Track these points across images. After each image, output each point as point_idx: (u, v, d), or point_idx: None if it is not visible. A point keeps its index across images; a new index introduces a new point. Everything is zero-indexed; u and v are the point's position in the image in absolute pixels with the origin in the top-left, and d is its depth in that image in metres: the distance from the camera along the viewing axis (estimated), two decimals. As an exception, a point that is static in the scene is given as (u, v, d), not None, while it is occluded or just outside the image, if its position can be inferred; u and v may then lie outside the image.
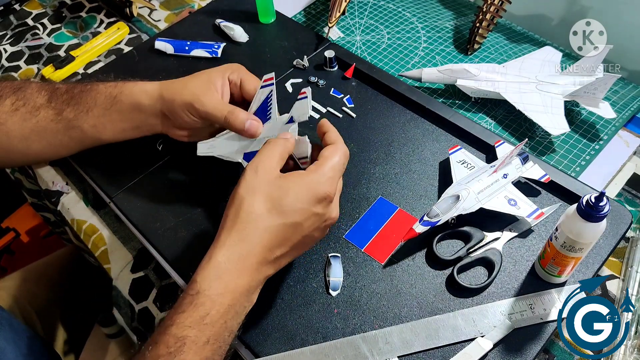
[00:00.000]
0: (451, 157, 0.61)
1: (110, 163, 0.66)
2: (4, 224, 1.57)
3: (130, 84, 0.60)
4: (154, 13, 0.95)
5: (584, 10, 0.80)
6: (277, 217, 0.45)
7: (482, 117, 0.72)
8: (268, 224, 0.45)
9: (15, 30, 0.94)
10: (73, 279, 0.91)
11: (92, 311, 0.87)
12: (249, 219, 0.45)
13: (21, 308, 0.81)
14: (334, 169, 0.48)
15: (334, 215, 0.49)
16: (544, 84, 0.70)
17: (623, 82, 0.76)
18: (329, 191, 0.46)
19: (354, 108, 0.70)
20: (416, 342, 0.49)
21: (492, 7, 0.78)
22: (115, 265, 0.64)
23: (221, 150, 0.57)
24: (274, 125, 0.56)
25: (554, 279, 0.52)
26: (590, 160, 0.67)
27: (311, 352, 0.49)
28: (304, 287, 0.54)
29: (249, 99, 0.57)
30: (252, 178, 0.46)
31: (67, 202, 0.70)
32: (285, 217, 0.45)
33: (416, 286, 0.54)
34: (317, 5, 0.91)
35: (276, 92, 0.55)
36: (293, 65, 0.76)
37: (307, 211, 0.46)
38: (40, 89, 0.61)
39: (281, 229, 0.45)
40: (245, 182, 0.46)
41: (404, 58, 0.80)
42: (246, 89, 0.59)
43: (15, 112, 0.59)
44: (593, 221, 0.44)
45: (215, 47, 0.79)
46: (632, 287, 0.56)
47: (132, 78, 0.62)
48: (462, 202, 0.54)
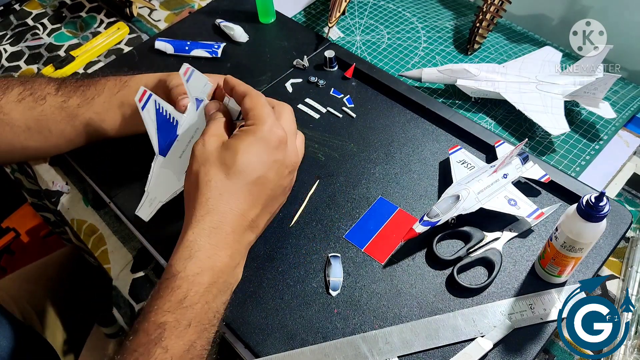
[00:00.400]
0: (451, 157, 0.61)
1: (110, 163, 0.66)
2: (4, 224, 1.58)
3: (143, 74, 0.62)
4: (154, 13, 0.95)
5: (584, 10, 0.80)
6: (237, 178, 0.43)
7: (482, 117, 0.72)
8: (230, 189, 0.43)
9: (15, 30, 0.94)
10: (73, 279, 0.91)
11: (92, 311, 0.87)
12: (209, 188, 0.43)
13: (21, 308, 0.81)
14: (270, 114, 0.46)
15: (294, 157, 0.47)
16: (544, 84, 0.70)
17: (623, 82, 0.76)
18: (281, 135, 0.45)
19: (354, 108, 0.70)
20: (416, 342, 0.49)
21: (492, 7, 0.78)
22: (115, 265, 0.64)
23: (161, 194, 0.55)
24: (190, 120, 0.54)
25: (554, 279, 0.52)
26: (590, 160, 0.67)
27: (311, 352, 0.49)
28: (304, 287, 0.54)
29: None
30: (200, 151, 0.45)
31: (67, 202, 0.70)
32: (246, 176, 0.44)
33: (416, 286, 0.54)
34: (317, 5, 0.91)
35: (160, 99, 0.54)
36: (293, 65, 0.76)
37: (265, 162, 0.44)
38: (50, 80, 0.62)
39: (246, 189, 0.44)
40: (195, 157, 0.45)
41: (404, 58, 0.80)
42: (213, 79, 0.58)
43: (21, 102, 0.59)
44: (593, 221, 0.44)
45: (215, 47, 0.79)
46: (632, 287, 0.56)
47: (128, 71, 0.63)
48: (462, 202, 0.54)
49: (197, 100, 0.53)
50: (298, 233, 0.58)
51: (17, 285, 0.85)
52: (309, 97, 0.72)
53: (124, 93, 0.60)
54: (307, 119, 0.69)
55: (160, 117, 0.53)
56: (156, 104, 0.53)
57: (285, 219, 0.59)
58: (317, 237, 0.58)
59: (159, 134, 0.54)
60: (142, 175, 0.64)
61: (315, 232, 0.58)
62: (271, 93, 0.73)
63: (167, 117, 0.54)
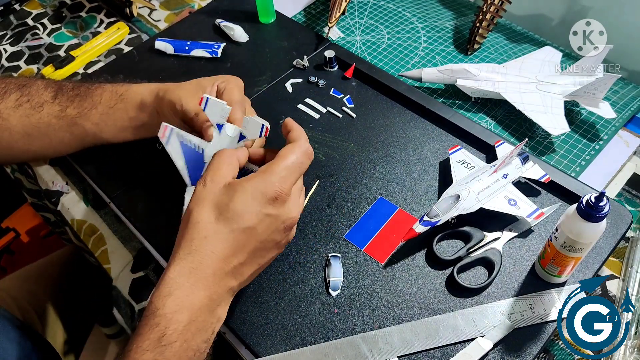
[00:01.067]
0: (451, 157, 0.61)
1: (110, 163, 0.66)
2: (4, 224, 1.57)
3: (137, 84, 0.61)
4: (154, 13, 0.95)
5: (584, 10, 0.80)
6: (225, 224, 0.43)
7: (482, 117, 0.72)
8: (217, 233, 0.43)
9: (15, 30, 0.94)
10: (73, 279, 0.91)
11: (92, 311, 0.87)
12: (196, 229, 0.43)
13: (21, 308, 0.81)
14: (288, 168, 0.45)
15: (293, 215, 0.46)
16: (544, 84, 0.70)
17: (623, 82, 0.76)
18: (280, 190, 0.44)
19: (354, 108, 0.70)
20: (416, 342, 0.49)
21: (492, 7, 0.78)
22: (115, 265, 0.64)
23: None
24: (215, 146, 0.54)
25: (554, 279, 0.52)
26: (590, 160, 0.67)
27: (311, 352, 0.49)
28: (304, 287, 0.54)
29: None
30: (200, 190, 0.45)
31: (67, 202, 0.70)
32: (234, 223, 0.43)
33: (416, 286, 0.54)
34: (317, 5, 0.91)
35: (181, 131, 0.54)
36: (293, 65, 0.76)
37: (257, 214, 0.43)
38: (47, 86, 0.62)
39: (231, 236, 0.43)
40: (194, 195, 0.45)
41: (404, 58, 0.80)
42: (224, 98, 0.57)
43: (19, 108, 0.60)
44: (593, 221, 0.44)
45: (215, 47, 0.79)
46: (632, 287, 0.56)
47: (132, 78, 0.63)
48: (462, 202, 0.54)
49: (218, 126, 0.54)
50: (298, 233, 0.58)
51: (17, 285, 0.85)
52: (309, 97, 0.72)
53: (121, 107, 0.60)
54: (307, 119, 0.69)
55: (185, 148, 0.54)
56: (178, 137, 0.53)
57: (285, 219, 0.59)
58: (317, 237, 0.58)
59: (188, 165, 0.54)
60: (142, 175, 0.64)
61: (315, 232, 0.58)
62: (271, 93, 0.73)
63: (192, 148, 0.54)
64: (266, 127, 0.52)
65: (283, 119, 0.69)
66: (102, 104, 0.60)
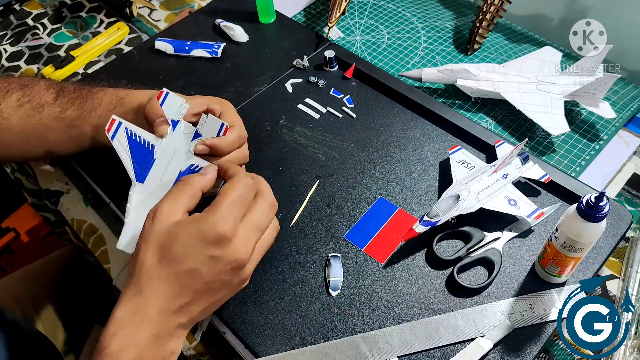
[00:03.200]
0: (451, 157, 0.61)
1: (110, 163, 0.66)
2: (4, 224, 1.58)
3: (138, 90, 0.61)
4: (154, 13, 0.95)
5: (584, 10, 0.80)
6: (167, 266, 0.43)
7: (482, 117, 0.72)
8: (160, 274, 0.43)
9: (15, 30, 0.94)
10: (73, 279, 0.91)
11: (92, 311, 0.87)
12: (141, 270, 0.43)
13: (21, 308, 0.81)
14: (230, 205, 0.44)
15: (240, 255, 0.44)
16: (544, 84, 0.70)
17: (623, 82, 0.76)
18: (223, 231, 0.42)
19: (354, 108, 0.70)
20: (416, 342, 0.49)
21: (492, 7, 0.78)
22: (115, 265, 0.64)
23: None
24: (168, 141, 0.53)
25: (554, 279, 0.52)
26: (590, 160, 0.67)
27: (311, 352, 0.49)
28: (304, 287, 0.54)
29: None
30: (148, 226, 0.44)
31: (67, 202, 0.70)
32: (176, 265, 0.43)
33: (416, 286, 0.54)
34: (317, 5, 0.91)
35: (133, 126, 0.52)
36: (293, 65, 0.76)
37: (199, 256, 0.43)
38: (49, 87, 0.62)
39: (174, 278, 0.43)
40: (142, 231, 0.45)
41: (404, 58, 0.80)
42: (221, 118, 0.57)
43: (20, 108, 0.60)
44: (593, 221, 0.44)
45: (215, 47, 0.79)
46: (632, 287, 0.56)
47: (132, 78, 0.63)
48: (462, 202, 0.54)
49: (172, 122, 0.53)
50: (298, 233, 0.58)
51: (17, 285, 0.85)
52: (309, 97, 0.72)
53: (119, 110, 0.60)
54: (307, 119, 0.69)
55: (133, 144, 0.52)
56: (127, 132, 0.52)
57: (285, 219, 0.59)
58: (317, 237, 0.58)
59: (134, 160, 0.52)
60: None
61: (315, 232, 0.58)
62: (271, 93, 0.73)
63: (140, 143, 0.53)
64: (226, 127, 0.52)
65: (283, 119, 0.69)
66: (102, 107, 0.60)
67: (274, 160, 0.65)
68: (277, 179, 0.63)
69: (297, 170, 0.64)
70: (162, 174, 0.53)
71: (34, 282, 0.86)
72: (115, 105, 0.60)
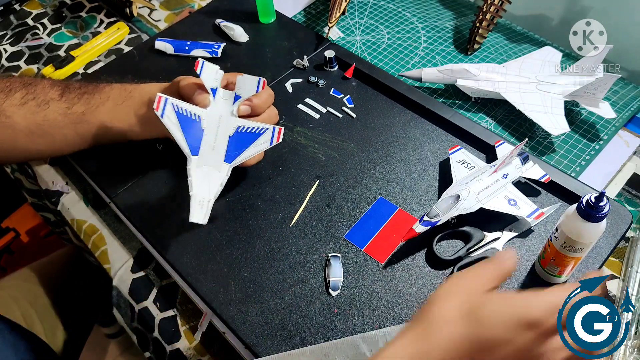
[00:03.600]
0: (451, 157, 0.61)
1: (110, 163, 0.66)
2: (4, 224, 1.57)
3: (146, 84, 0.62)
4: (154, 13, 0.95)
5: (584, 10, 0.80)
6: (469, 325, 0.37)
7: (482, 117, 0.72)
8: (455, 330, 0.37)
9: (15, 30, 0.94)
10: (73, 279, 0.91)
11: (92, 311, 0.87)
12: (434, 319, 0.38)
13: (21, 308, 0.81)
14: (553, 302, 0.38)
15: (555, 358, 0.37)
16: (544, 84, 0.70)
17: (623, 82, 0.76)
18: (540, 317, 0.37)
19: (354, 108, 0.70)
20: (416, 342, 0.49)
21: (492, 7, 0.78)
22: (115, 265, 0.64)
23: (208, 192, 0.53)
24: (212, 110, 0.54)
25: (554, 279, 0.52)
26: (590, 160, 0.67)
27: (311, 352, 0.49)
28: (304, 287, 0.54)
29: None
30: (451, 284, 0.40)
31: (67, 202, 0.70)
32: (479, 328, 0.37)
33: (416, 286, 0.54)
34: (317, 5, 0.91)
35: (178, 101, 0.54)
36: (293, 65, 0.76)
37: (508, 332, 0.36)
38: (53, 85, 0.62)
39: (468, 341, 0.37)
40: (442, 287, 0.40)
41: (404, 58, 0.80)
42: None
43: (23, 106, 0.60)
44: (593, 221, 0.44)
45: (215, 47, 0.79)
46: (632, 287, 0.56)
47: (133, 78, 0.63)
48: (462, 202, 0.54)
49: (212, 90, 0.54)
50: (298, 233, 0.58)
51: (17, 285, 0.85)
52: (309, 97, 0.72)
53: (129, 104, 0.61)
54: (307, 119, 0.69)
55: (182, 118, 0.53)
56: (174, 107, 0.53)
57: (285, 219, 0.59)
58: (317, 237, 0.58)
59: (186, 135, 0.53)
60: (142, 175, 0.64)
61: (315, 232, 0.58)
62: (271, 93, 0.73)
63: (188, 116, 0.53)
64: (263, 81, 0.52)
65: (283, 119, 0.69)
66: (110, 100, 0.61)
67: (274, 160, 0.65)
68: (277, 179, 0.63)
69: (297, 170, 0.64)
70: (213, 142, 0.54)
71: (34, 282, 0.86)
72: (125, 98, 0.60)
